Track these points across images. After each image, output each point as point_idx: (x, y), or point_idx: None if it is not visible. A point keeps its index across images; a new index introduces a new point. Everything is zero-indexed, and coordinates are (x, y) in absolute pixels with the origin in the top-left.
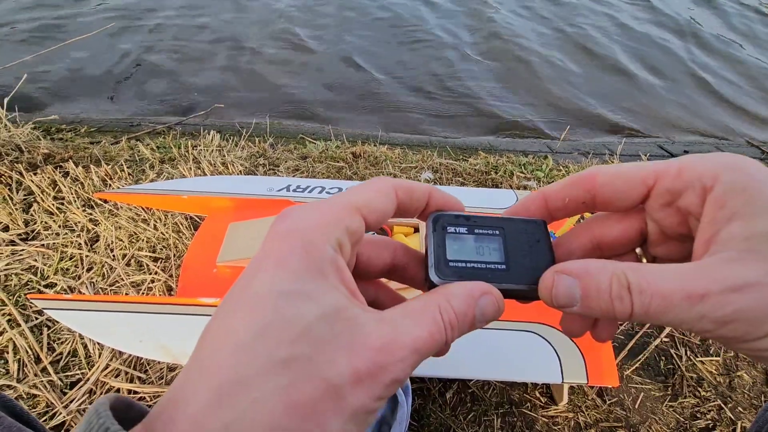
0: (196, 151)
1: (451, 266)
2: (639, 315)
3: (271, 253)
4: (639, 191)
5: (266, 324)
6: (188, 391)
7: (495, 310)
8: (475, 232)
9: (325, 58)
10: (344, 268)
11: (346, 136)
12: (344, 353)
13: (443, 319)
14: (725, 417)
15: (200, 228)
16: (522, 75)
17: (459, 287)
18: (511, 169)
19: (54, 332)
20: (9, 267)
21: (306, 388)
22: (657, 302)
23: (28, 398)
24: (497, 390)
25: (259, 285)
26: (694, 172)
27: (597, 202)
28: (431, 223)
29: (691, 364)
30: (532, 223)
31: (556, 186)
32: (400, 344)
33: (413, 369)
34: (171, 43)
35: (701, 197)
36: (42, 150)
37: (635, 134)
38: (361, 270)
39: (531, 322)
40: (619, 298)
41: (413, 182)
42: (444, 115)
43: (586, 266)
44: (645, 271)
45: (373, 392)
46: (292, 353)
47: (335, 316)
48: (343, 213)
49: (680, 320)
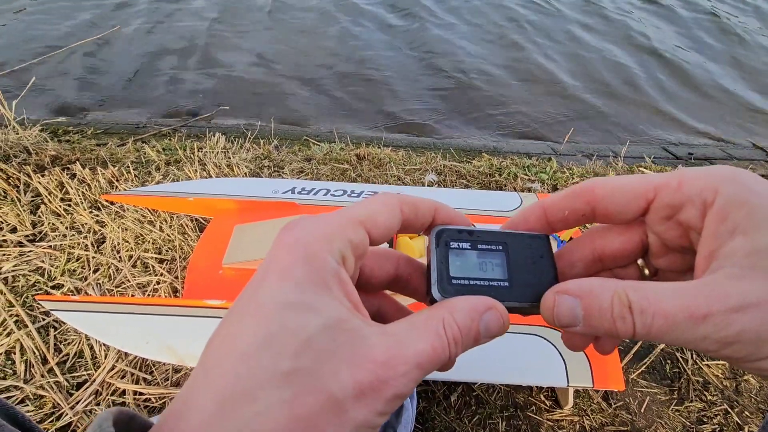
0: (201, 153)
1: (454, 283)
2: (641, 335)
3: (276, 263)
4: (638, 205)
5: (270, 335)
6: (191, 401)
7: (500, 326)
8: (478, 247)
9: (330, 60)
10: (347, 281)
11: (350, 138)
12: (346, 366)
13: (447, 334)
14: (732, 421)
15: (206, 230)
16: (524, 76)
17: (463, 302)
18: (515, 171)
19: (61, 333)
20: (17, 268)
21: (308, 402)
22: (659, 322)
23: (34, 399)
24: (502, 393)
25: (263, 295)
26: (694, 186)
27: (597, 214)
28: (434, 237)
29: (697, 368)
30: (536, 239)
31: (555, 198)
32: (402, 358)
33: (416, 384)
34: (176, 45)
35: (701, 211)
36: (49, 152)
37: (639, 136)
38: (364, 282)
39: (536, 326)
40: (621, 318)
41: (419, 198)
42: (447, 118)
43: (588, 285)
44: (647, 290)
45: (375, 407)
46: (295, 366)
47: (338, 328)
48: (347, 226)
49: (683, 340)
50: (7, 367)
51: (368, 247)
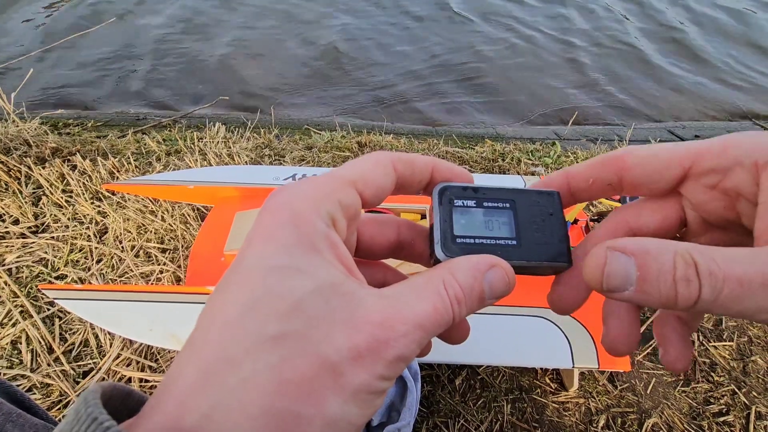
0: (201, 143)
1: (459, 242)
2: (706, 302)
3: (261, 228)
4: (673, 173)
5: (255, 299)
6: (175, 373)
7: (505, 284)
8: (484, 205)
9: (330, 48)
10: (339, 243)
11: (351, 126)
12: (341, 329)
13: (448, 294)
14: (739, 402)
15: (207, 218)
16: (526, 62)
17: (464, 261)
18: (518, 156)
19: (65, 323)
20: (20, 259)
21: (299, 366)
22: (731, 287)
23: (41, 387)
24: (507, 376)
25: (248, 261)
26: (742, 148)
27: (625, 184)
28: (437, 195)
29: (704, 349)
30: (545, 195)
31: (581, 166)
32: (402, 319)
33: (419, 347)
34: (175, 36)
35: (753, 174)
36: (50, 144)
37: (645, 119)
38: (364, 250)
39: (541, 308)
40: (685, 280)
41: (414, 154)
42: (449, 105)
43: (644, 244)
44: (714, 253)
45: (374, 370)
46: (284, 329)
47: (331, 291)
48: (336, 186)
49: (757, 309)
50: (14, 356)
51: (361, 209)
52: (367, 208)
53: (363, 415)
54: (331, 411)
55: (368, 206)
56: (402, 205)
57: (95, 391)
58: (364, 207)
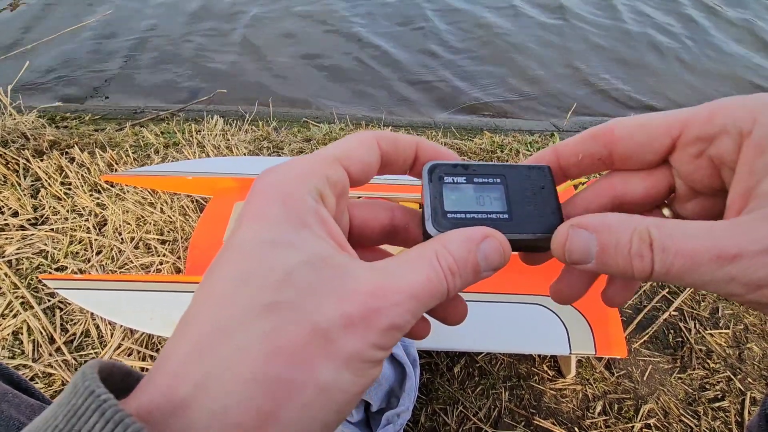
0: (200, 135)
1: (450, 217)
2: (659, 274)
3: (250, 208)
4: (662, 143)
5: (247, 272)
6: (169, 349)
7: (500, 255)
8: (475, 181)
9: (328, 41)
10: (328, 219)
11: (349, 118)
12: (333, 299)
13: (441, 265)
14: (734, 388)
15: (206, 208)
16: (524, 54)
17: (457, 233)
18: (516, 147)
19: (66, 314)
20: (20, 251)
21: (292, 333)
22: (681, 261)
23: (44, 377)
24: (505, 364)
25: (239, 239)
26: (728, 115)
27: (615, 158)
28: (427, 173)
29: (700, 336)
30: (536, 169)
31: (570, 141)
32: (394, 288)
33: (414, 317)
34: (172, 29)
35: (737, 143)
36: (48, 137)
37: (644, 110)
38: (358, 234)
39: (538, 295)
40: (639, 255)
41: (398, 133)
42: (446, 98)
43: (605, 220)
44: (671, 228)
45: (367, 338)
46: (275, 299)
47: (321, 263)
48: (322, 164)
49: (705, 281)
50: (15, 347)
51: (348, 186)
52: (355, 186)
53: (356, 384)
54: (323, 377)
55: (355, 183)
56: (401, 194)
57: (93, 366)
58: (351, 184)
